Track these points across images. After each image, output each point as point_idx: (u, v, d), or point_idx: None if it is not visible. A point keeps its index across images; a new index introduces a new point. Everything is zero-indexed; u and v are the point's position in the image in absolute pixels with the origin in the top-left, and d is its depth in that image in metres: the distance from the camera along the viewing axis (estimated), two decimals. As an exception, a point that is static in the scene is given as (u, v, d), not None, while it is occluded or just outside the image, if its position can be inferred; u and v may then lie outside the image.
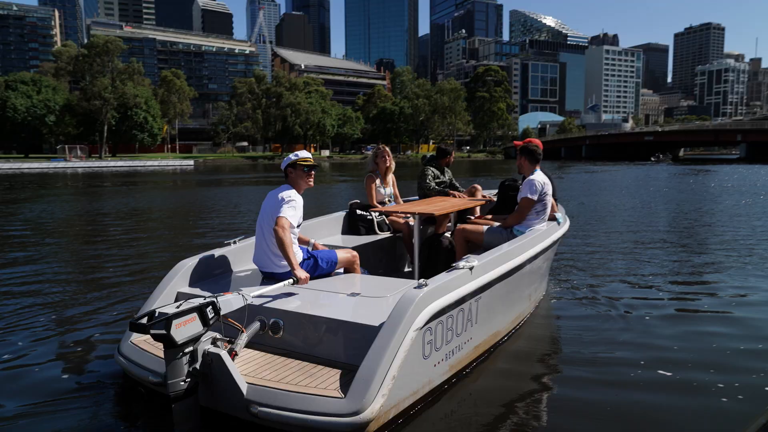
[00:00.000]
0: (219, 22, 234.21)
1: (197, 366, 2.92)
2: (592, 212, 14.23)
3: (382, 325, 3.11)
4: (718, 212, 14.14)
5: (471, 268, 3.63)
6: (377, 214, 5.83)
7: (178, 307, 2.89)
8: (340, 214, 6.18)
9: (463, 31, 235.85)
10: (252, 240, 4.48)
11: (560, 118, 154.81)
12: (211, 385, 2.98)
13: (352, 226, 5.98)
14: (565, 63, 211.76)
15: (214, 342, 3.04)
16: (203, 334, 2.96)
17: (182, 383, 2.87)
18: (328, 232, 5.84)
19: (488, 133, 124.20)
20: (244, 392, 2.92)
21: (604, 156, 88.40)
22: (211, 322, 2.99)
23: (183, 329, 2.83)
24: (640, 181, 30.18)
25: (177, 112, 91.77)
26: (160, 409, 3.20)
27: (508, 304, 4.39)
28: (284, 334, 3.44)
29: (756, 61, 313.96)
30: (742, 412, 3.28)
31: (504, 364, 3.98)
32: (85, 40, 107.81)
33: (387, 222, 5.91)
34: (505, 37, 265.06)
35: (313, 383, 3.01)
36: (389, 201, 6.17)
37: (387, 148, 6.25)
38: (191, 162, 73.77)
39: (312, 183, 4.22)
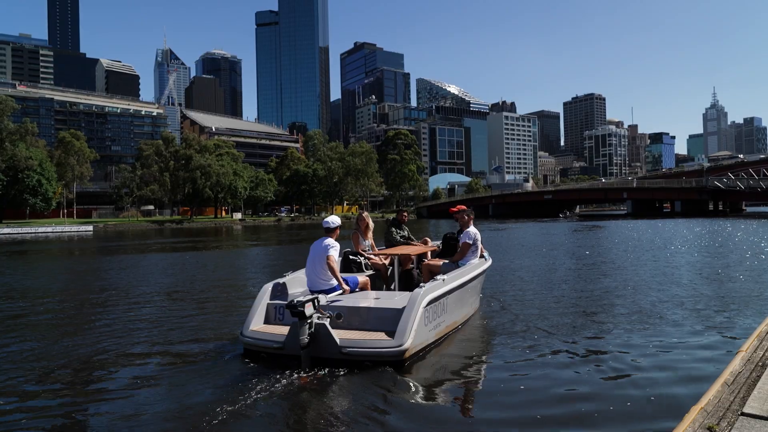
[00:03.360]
0: (125, 84, 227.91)
1: (312, 330, 5.47)
2: (509, 262, 14.79)
3: (404, 308, 5.86)
4: (616, 259, 15.12)
5: (443, 280, 6.59)
6: (363, 258, 8.30)
7: (303, 297, 5.49)
8: (338, 259, 8.14)
9: (373, 96, 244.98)
10: (295, 274, 7.32)
11: (467, 179, 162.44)
12: (317, 341, 5.51)
13: (346, 266, 8.22)
14: (469, 128, 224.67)
15: (319, 318, 5.59)
16: (314, 313, 5.54)
17: (305, 339, 5.40)
18: None
19: (400, 194, 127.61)
20: (338, 342, 5.53)
21: (509, 214, 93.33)
22: (316, 307, 5.58)
23: (307, 309, 5.41)
24: (545, 235, 31.83)
25: (75, 174, 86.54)
26: (280, 366, 5.52)
27: (461, 306, 7.32)
28: (344, 320, 5.87)
29: (633, 127, 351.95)
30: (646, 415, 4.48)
31: (459, 342, 6.82)
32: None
33: (370, 263, 8.29)
34: (413, 103, 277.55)
35: (372, 338, 5.72)
36: (369, 249, 8.60)
37: (366, 213, 8.91)
38: (90, 228, 68.88)
39: (336, 237, 6.97)
